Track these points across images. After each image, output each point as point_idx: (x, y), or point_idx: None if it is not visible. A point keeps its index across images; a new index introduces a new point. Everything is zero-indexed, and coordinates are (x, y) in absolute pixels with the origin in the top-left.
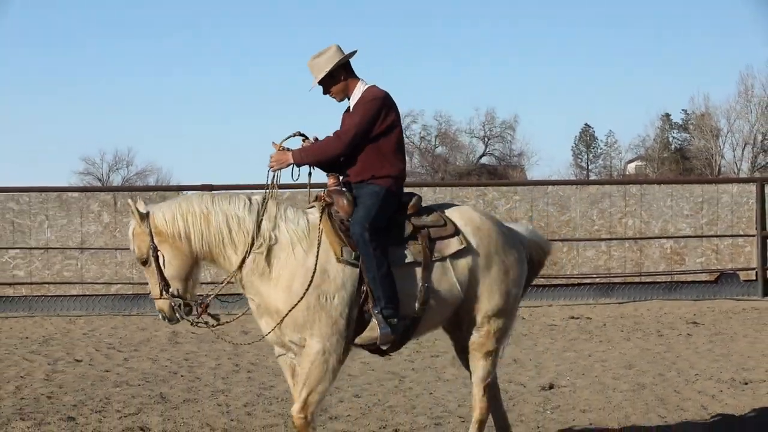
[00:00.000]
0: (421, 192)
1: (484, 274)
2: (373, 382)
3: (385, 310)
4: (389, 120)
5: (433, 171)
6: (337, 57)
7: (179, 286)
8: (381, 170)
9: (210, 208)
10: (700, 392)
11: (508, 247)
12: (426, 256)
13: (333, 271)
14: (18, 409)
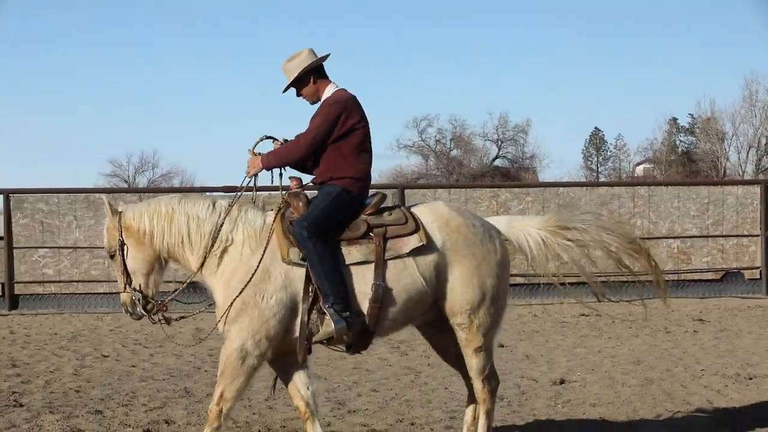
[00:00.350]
0: (437, 193)
1: (454, 268)
2: (390, 377)
3: (335, 305)
4: (350, 123)
5: (448, 173)
6: (308, 61)
7: (141, 281)
8: (339, 171)
9: (175, 209)
10: (706, 387)
11: (481, 241)
12: (378, 255)
13: (276, 272)
14: (47, 403)
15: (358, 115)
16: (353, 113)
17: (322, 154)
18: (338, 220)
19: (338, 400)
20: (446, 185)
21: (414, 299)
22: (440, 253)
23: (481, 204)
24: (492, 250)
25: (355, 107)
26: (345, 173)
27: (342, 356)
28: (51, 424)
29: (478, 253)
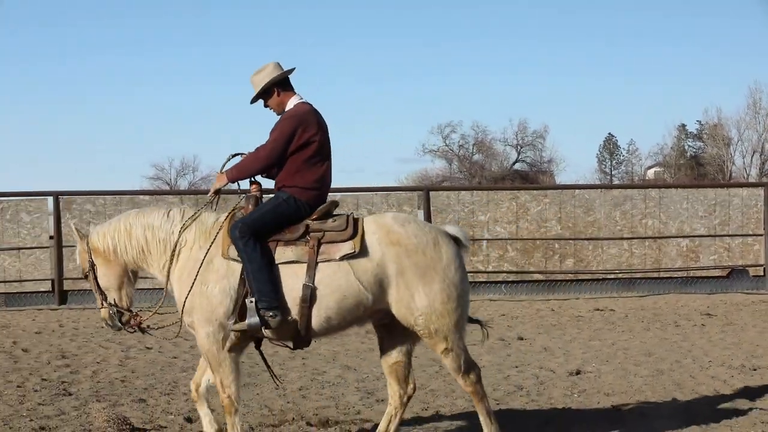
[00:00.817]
0: (460, 195)
1: (399, 278)
2: (416, 368)
3: (259, 302)
4: (306, 135)
5: (470, 176)
6: (273, 74)
7: (114, 296)
8: (291, 180)
9: (132, 223)
10: (713, 377)
11: (424, 250)
12: (311, 257)
13: (218, 264)
14: (95, 392)
15: (315, 127)
16: (310, 126)
17: (282, 163)
18: (278, 224)
19: (367, 389)
20: (469, 187)
21: (347, 302)
22: (380, 263)
23: (501, 205)
24: (436, 258)
25: (312, 119)
26: (295, 182)
27: (371, 348)
28: (98, 411)
29: (421, 262)
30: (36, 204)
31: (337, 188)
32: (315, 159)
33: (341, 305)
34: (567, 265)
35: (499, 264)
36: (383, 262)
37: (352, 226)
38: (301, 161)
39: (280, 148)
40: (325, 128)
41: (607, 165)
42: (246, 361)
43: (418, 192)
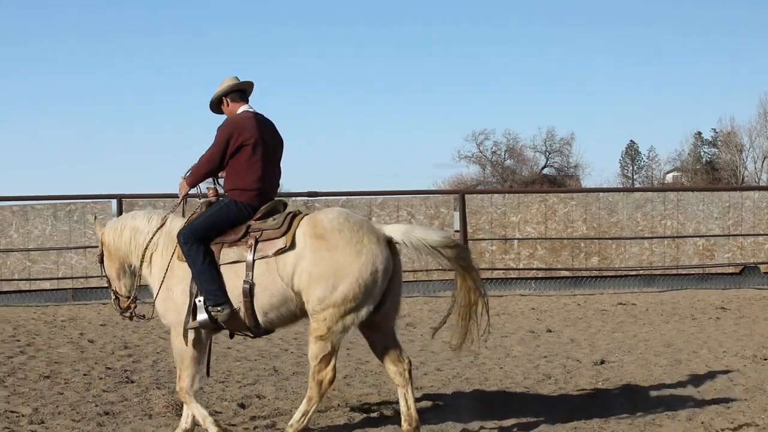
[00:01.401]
0: (493, 198)
1: (312, 268)
2: (452, 358)
3: (207, 300)
4: (240, 140)
5: (502, 180)
6: (223, 86)
7: (115, 285)
8: (231, 184)
9: (125, 224)
10: (727, 366)
11: (344, 247)
12: (246, 257)
13: (176, 267)
14: (155, 380)
15: (249, 131)
16: (243, 131)
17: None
18: (220, 227)
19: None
20: (501, 191)
21: (276, 297)
22: (300, 255)
23: (531, 207)
24: (354, 256)
25: (247, 125)
26: (235, 185)
27: (410, 339)
28: (158, 398)
29: (338, 258)
30: (101, 206)
31: (379, 191)
32: (252, 161)
33: (272, 301)
34: (592, 263)
35: (529, 262)
36: (303, 254)
37: (288, 222)
38: (238, 165)
39: (216, 154)
40: (263, 132)
41: (628, 170)
42: (294, 352)
43: (454, 195)
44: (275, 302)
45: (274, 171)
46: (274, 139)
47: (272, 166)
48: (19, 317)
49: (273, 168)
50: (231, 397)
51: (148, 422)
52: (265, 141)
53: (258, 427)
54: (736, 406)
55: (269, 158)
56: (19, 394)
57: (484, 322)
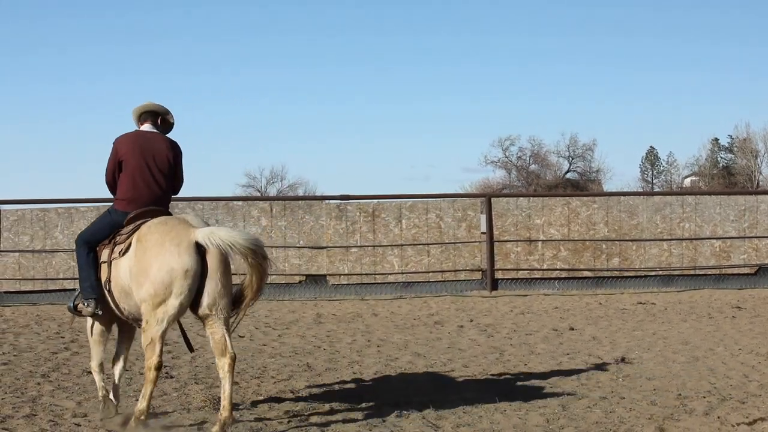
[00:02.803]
0: (518, 201)
1: (132, 269)
2: (479, 355)
3: (82, 291)
4: (119, 156)
5: (527, 184)
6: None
7: None
8: (115, 195)
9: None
10: (742, 363)
11: (149, 249)
12: (108, 257)
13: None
14: (193, 375)
15: (125, 147)
16: (121, 148)
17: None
18: (102, 232)
19: (436, 374)
20: (526, 194)
21: (124, 292)
22: (130, 257)
23: (555, 210)
24: (154, 257)
25: (125, 142)
26: (116, 196)
27: (438, 338)
28: (196, 393)
29: (146, 259)
30: None
31: (408, 195)
32: (125, 174)
33: (121, 295)
34: (613, 264)
35: (552, 262)
36: (131, 255)
37: (135, 228)
38: (119, 178)
39: (107, 169)
40: (141, 148)
41: (648, 174)
42: (327, 349)
43: (481, 198)
44: (124, 296)
45: (152, 182)
46: (153, 153)
47: (148, 178)
48: (64, 315)
49: (149, 180)
50: (266, 393)
51: (186, 416)
52: (141, 155)
53: (292, 420)
54: (751, 401)
55: (144, 171)
56: (63, 388)
57: (239, 317)
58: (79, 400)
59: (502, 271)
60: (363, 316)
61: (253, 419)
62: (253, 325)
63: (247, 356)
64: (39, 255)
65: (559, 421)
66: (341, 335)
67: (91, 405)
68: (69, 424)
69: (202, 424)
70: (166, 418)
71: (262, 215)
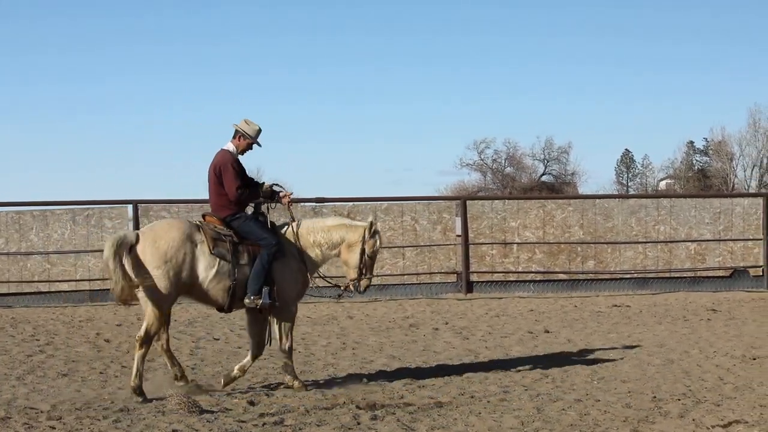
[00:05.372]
0: (493, 204)
1: None
2: (453, 358)
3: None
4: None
5: (503, 187)
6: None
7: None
8: None
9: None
10: (717, 366)
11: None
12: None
13: None
14: (168, 378)
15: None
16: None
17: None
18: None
19: (411, 377)
20: (501, 197)
21: None
22: None
23: (530, 213)
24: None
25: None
26: None
27: (413, 340)
28: (171, 395)
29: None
30: (117, 211)
31: (384, 197)
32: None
33: None
34: (588, 266)
35: (527, 265)
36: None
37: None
38: None
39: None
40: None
41: (624, 177)
42: (302, 352)
43: (456, 201)
44: None
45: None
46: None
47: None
48: (38, 317)
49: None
50: (241, 395)
51: (161, 419)
52: (210, 169)
53: (267, 423)
54: (726, 404)
55: (209, 184)
56: (38, 391)
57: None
58: (54, 402)
59: (477, 273)
60: (338, 319)
61: (228, 421)
62: (228, 327)
63: (222, 359)
64: (14, 258)
65: (533, 424)
66: (316, 338)
67: (66, 408)
68: (44, 426)
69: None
70: (141, 422)
71: None
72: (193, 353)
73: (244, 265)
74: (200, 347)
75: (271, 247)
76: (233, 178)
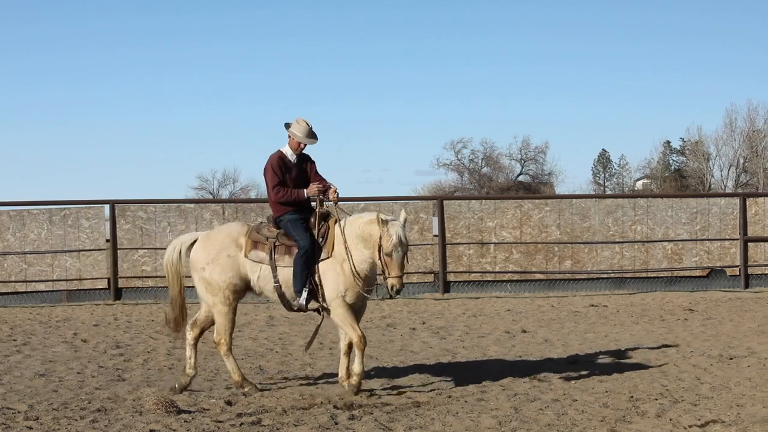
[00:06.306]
0: (470, 204)
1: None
2: (431, 357)
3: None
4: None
5: (479, 187)
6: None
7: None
8: None
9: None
10: (694, 366)
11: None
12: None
13: None
14: (145, 378)
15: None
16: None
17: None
18: None
19: (387, 377)
20: (478, 197)
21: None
22: None
23: (507, 213)
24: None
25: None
26: None
27: (390, 340)
28: (148, 395)
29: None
30: (94, 211)
31: (361, 197)
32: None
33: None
34: (565, 266)
35: (504, 265)
36: None
37: None
38: None
39: None
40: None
41: (600, 177)
42: (279, 352)
43: (433, 201)
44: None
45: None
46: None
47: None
48: (15, 317)
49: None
50: (218, 395)
51: (138, 419)
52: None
53: (244, 423)
54: (703, 403)
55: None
56: (15, 391)
57: None
58: (31, 403)
59: (454, 273)
60: (315, 319)
61: (205, 421)
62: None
63: (199, 359)
64: None
65: (511, 423)
66: (294, 338)
67: (43, 408)
68: (21, 426)
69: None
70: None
71: (215, 217)
72: (170, 353)
73: (286, 267)
74: (177, 347)
75: (301, 249)
76: (270, 178)
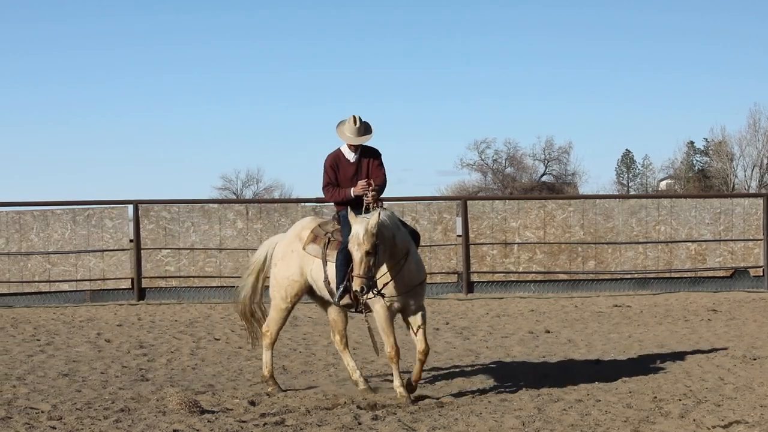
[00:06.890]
0: (494, 204)
1: None
2: (454, 358)
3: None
4: None
5: (503, 187)
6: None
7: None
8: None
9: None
10: (718, 366)
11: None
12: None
13: None
14: (169, 378)
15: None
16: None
17: None
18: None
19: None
20: (502, 197)
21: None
22: None
23: (530, 213)
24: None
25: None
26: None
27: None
28: (171, 395)
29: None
30: (118, 211)
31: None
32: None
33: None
34: (589, 266)
35: (528, 265)
36: None
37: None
38: None
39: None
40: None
41: (624, 177)
42: (303, 352)
43: (457, 201)
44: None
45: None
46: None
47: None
48: (39, 317)
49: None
50: (242, 395)
51: (162, 419)
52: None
53: (267, 423)
54: (726, 404)
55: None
56: (38, 391)
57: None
58: (55, 403)
59: (477, 273)
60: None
61: (229, 421)
62: (228, 327)
63: (222, 359)
64: (14, 258)
65: (534, 424)
66: (317, 338)
67: (67, 408)
68: (45, 426)
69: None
70: (142, 422)
71: (238, 218)
72: (193, 353)
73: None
74: (201, 347)
75: (343, 245)
76: (323, 178)
